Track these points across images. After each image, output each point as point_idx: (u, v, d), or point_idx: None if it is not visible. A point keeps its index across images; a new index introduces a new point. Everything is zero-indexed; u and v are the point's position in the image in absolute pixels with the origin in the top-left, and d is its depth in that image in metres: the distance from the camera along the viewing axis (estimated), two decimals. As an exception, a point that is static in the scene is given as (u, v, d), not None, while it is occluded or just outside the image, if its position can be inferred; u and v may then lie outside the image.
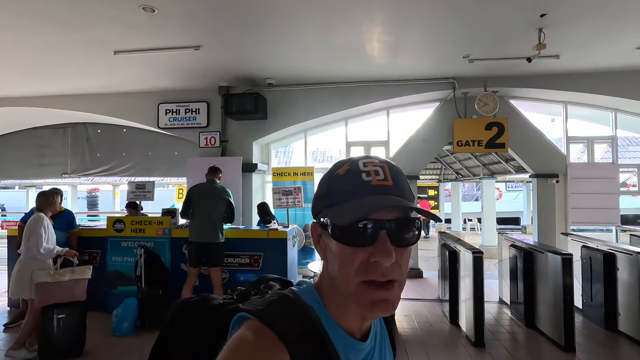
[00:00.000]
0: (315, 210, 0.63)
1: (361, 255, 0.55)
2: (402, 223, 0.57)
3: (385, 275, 0.55)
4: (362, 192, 0.57)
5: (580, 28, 4.14)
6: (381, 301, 0.55)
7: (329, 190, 0.60)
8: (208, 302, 0.72)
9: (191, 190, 4.21)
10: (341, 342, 0.59)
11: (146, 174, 7.53)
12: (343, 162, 0.62)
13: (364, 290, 0.55)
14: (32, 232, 3.42)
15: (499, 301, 5.16)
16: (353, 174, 0.59)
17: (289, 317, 0.56)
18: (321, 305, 0.61)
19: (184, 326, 0.70)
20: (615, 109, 6.15)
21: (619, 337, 3.99)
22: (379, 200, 0.56)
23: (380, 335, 0.70)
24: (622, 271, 4.07)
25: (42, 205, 3.59)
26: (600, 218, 6.07)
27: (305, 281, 0.67)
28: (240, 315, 0.57)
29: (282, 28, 4.14)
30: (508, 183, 16.51)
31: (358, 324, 0.62)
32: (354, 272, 0.55)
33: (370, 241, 0.55)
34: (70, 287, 3.42)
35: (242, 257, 4.52)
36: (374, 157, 0.62)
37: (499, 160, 8.79)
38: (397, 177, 0.60)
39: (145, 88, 6.39)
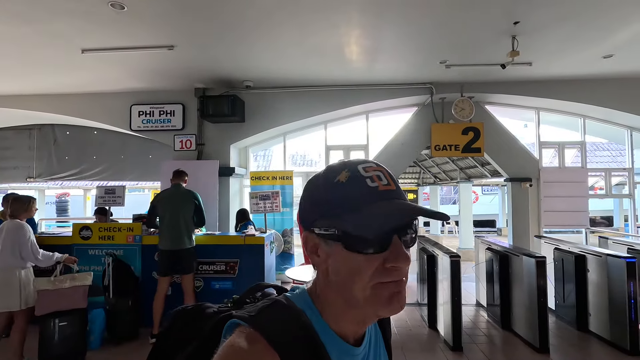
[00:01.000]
0: (310, 219, 0.61)
1: (376, 262, 0.56)
2: (410, 226, 0.59)
3: (400, 276, 0.57)
4: (372, 199, 0.56)
5: (551, 36, 4.26)
6: (396, 294, 0.56)
7: (332, 198, 0.58)
8: (203, 310, 0.73)
9: (156, 198, 4.06)
10: (335, 347, 0.59)
11: (118, 178, 7.22)
12: (340, 168, 0.60)
13: (380, 289, 0.56)
14: (22, 241, 3.24)
15: (476, 304, 5.22)
16: (357, 181, 0.58)
17: (281, 323, 0.56)
18: (314, 310, 0.61)
19: (180, 334, 0.71)
20: (584, 115, 6.38)
21: (589, 337, 4.09)
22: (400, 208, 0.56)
23: (375, 340, 0.69)
24: (592, 272, 4.19)
25: (18, 211, 3.37)
26: (571, 220, 6.27)
27: (299, 287, 0.67)
28: (233, 322, 0.57)
29: (259, 29, 4.05)
30: (484, 187, 16.96)
31: (353, 328, 0.62)
32: (368, 277, 0.56)
33: (385, 247, 0.56)
34: (71, 294, 3.38)
35: (218, 264, 4.37)
36: (370, 161, 0.62)
37: (475, 165, 8.98)
38: (395, 180, 0.61)
39: (116, 88, 6.14)
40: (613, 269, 3.87)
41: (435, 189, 13.16)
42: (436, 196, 13.16)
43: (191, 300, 3.97)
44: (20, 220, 3.36)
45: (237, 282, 4.32)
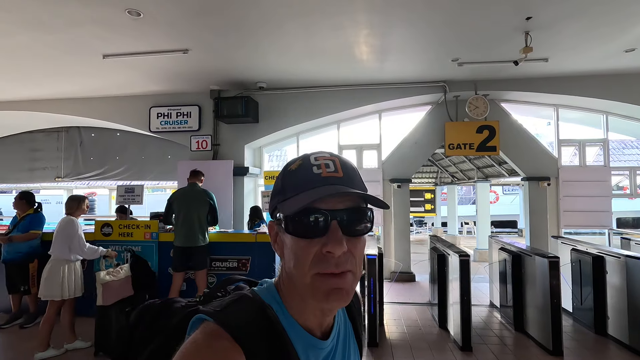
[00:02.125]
0: (271, 208, 0.64)
1: (315, 247, 0.56)
2: (353, 213, 0.58)
3: (339, 266, 0.55)
4: (313, 184, 0.57)
5: (567, 31, 4.15)
6: (335, 290, 0.55)
7: (283, 186, 0.61)
8: (170, 305, 0.73)
9: (172, 196, 4.22)
10: (301, 341, 0.59)
11: (139, 178, 7.51)
12: (296, 159, 0.63)
13: (319, 281, 0.56)
14: (71, 235, 3.54)
15: (490, 305, 5.13)
16: (304, 168, 0.60)
17: (246, 318, 0.56)
18: (280, 304, 0.61)
19: (147, 329, 0.71)
20: (606, 112, 6.15)
21: (608, 341, 3.96)
22: (327, 189, 0.56)
23: (344, 333, 0.69)
24: (611, 274, 4.05)
25: (71, 209, 3.69)
26: (592, 221, 6.06)
27: (267, 280, 0.67)
28: (198, 317, 0.57)
29: (269, 32, 4.14)
30: (505, 186, 16.52)
31: (318, 320, 0.62)
32: (308, 264, 0.56)
33: (323, 232, 0.56)
34: (125, 284, 3.65)
35: (230, 261, 4.49)
36: (325, 152, 0.63)
37: (492, 164, 8.79)
38: (348, 169, 0.61)
39: (136, 92, 6.39)
40: (633, 271, 3.73)
41: (453, 189, 12.92)
42: (454, 196, 12.91)
43: (204, 296, 4.11)
44: (74, 217, 3.67)
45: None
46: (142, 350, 0.69)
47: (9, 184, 9.50)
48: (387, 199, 6.47)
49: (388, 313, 4.74)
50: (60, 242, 3.54)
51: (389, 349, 3.73)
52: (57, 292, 3.47)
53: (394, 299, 5.32)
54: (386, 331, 4.19)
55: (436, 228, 15.89)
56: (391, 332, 4.18)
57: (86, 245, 3.62)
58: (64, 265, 3.53)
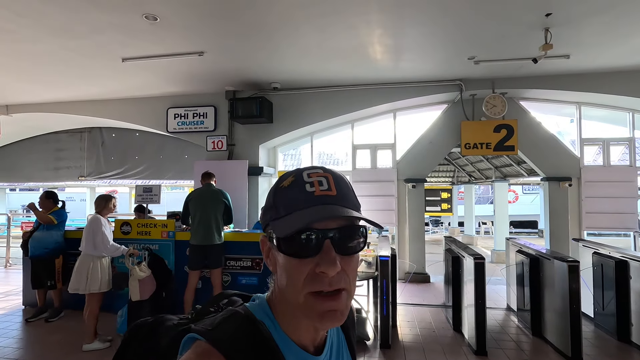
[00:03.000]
0: (263, 224, 0.62)
1: (308, 267, 0.55)
2: (346, 231, 0.56)
3: (332, 285, 0.54)
4: (305, 203, 0.56)
5: (588, 27, 4.00)
6: (330, 312, 0.55)
7: (275, 203, 0.60)
8: (162, 323, 0.72)
9: (189, 196, 4.31)
10: (294, 357, 0.58)
11: (157, 177, 7.71)
12: (289, 174, 0.62)
13: (313, 301, 0.55)
14: (95, 231, 3.71)
15: (507, 308, 5.02)
16: (297, 186, 0.58)
17: (239, 336, 0.55)
18: (273, 320, 0.60)
19: (138, 349, 0.70)
20: (632, 110, 5.91)
21: (631, 348, 3.82)
22: (320, 211, 0.55)
23: (337, 345, 0.69)
24: (636, 279, 3.89)
25: (99, 207, 3.89)
26: (617, 223, 5.84)
27: (259, 296, 0.66)
28: (190, 337, 0.56)
29: (282, 33, 4.17)
30: (525, 186, 16.08)
31: (311, 336, 0.61)
32: (301, 283, 0.55)
33: (315, 251, 0.55)
34: (153, 280, 3.88)
35: (244, 261, 4.56)
36: (318, 167, 0.62)
37: (510, 163, 8.58)
38: (342, 186, 0.59)
39: (154, 93, 6.55)
40: (658, 276, 3.58)
41: (470, 188, 12.68)
42: (471, 196, 12.67)
43: (219, 294, 4.19)
44: (101, 215, 3.85)
45: (262, 277, 4.48)
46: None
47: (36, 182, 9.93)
48: (401, 199, 6.41)
49: (401, 314, 4.70)
50: (87, 239, 3.71)
51: (402, 350, 3.71)
52: (82, 286, 3.64)
53: (408, 300, 5.28)
54: (399, 333, 4.17)
55: (453, 228, 15.65)
56: (404, 334, 4.15)
57: (110, 242, 3.75)
58: (91, 261, 3.69)
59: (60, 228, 4.65)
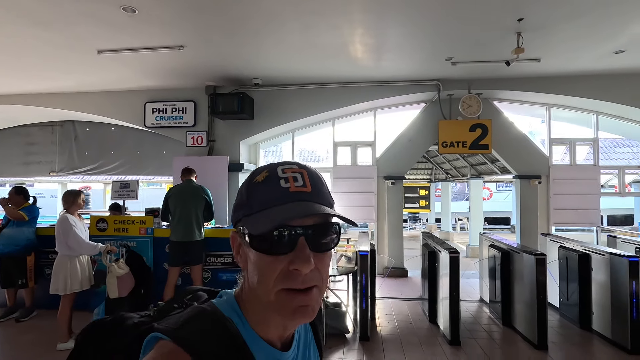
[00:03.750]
0: (235, 219, 0.61)
1: (281, 264, 0.54)
2: (321, 229, 0.56)
3: (305, 283, 0.54)
4: (280, 200, 0.55)
5: (559, 32, 4.21)
6: (301, 307, 0.55)
7: (248, 199, 0.58)
8: (123, 322, 0.67)
9: (169, 193, 4.27)
10: (263, 353, 0.58)
11: (134, 173, 7.54)
12: (262, 169, 0.60)
13: (284, 298, 0.54)
14: (66, 233, 3.58)
15: (479, 300, 5.24)
16: (271, 181, 0.57)
17: (205, 335, 0.54)
18: (241, 317, 0.59)
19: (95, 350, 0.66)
20: (597, 112, 6.25)
21: (592, 335, 4.08)
22: (296, 208, 0.54)
23: (305, 340, 0.69)
24: (597, 271, 4.16)
25: (66, 205, 3.75)
26: (582, 219, 6.18)
27: (226, 292, 0.65)
28: (153, 336, 0.54)
29: (265, 30, 4.17)
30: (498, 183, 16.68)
31: (279, 333, 0.61)
32: (274, 280, 0.54)
33: (289, 248, 0.54)
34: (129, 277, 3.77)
35: (225, 257, 4.56)
36: (293, 162, 0.61)
37: (485, 161, 8.90)
38: (316, 182, 0.59)
39: (131, 87, 6.39)
40: (616, 268, 3.84)
41: (447, 186, 13.06)
42: (448, 193, 13.06)
43: (199, 290, 4.17)
44: (71, 212, 3.71)
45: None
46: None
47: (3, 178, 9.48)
48: (381, 196, 6.55)
49: (380, 308, 4.83)
50: (59, 241, 3.61)
51: (380, 343, 3.83)
52: (61, 286, 3.55)
53: (386, 294, 5.43)
54: (378, 325, 4.29)
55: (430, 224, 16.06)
56: (382, 326, 4.28)
57: (84, 241, 3.65)
58: (68, 262, 3.60)
59: (32, 225, 4.50)
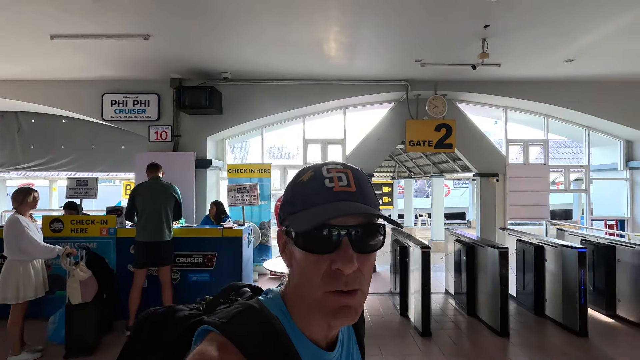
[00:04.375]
0: (281, 217, 0.62)
1: (325, 263, 0.54)
2: (365, 229, 0.56)
3: (348, 285, 0.54)
4: (324, 199, 0.56)
5: (518, 40, 4.50)
6: (344, 308, 0.55)
7: (293, 197, 0.59)
8: (174, 313, 0.70)
9: (136, 190, 4.02)
10: (307, 352, 0.58)
11: (88, 169, 7.00)
12: (308, 169, 0.61)
13: (328, 298, 0.55)
14: (18, 236, 3.25)
15: (445, 292, 5.50)
16: (316, 181, 0.58)
17: (253, 330, 0.55)
18: (287, 315, 0.60)
19: (149, 339, 0.68)
20: (547, 115, 6.78)
21: (545, 320, 4.45)
22: (340, 207, 0.55)
23: (348, 342, 0.69)
24: (549, 262, 4.53)
25: (16, 204, 3.40)
26: (533, 214, 6.68)
27: (272, 290, 0.66)
28: (203, 328, 0.56)
29: (238, 23, 4.04)
30: (455, 180, 17.59)
31: (324, 333, 0.61)
32: (318, 280, 0.55)
33: (333, 248, 0.54)
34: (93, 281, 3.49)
35: (195, 257, 4.39)
36: (338, 163, 0.61)
37: (447, 160, 9.33)
38: (361, 183, 0.59)
39: (87, 76, 5.92)
40: (567, 259, 4.21)
41: (409, 183, 13.55)
42: (410, 190, 13.55)
43: (169, 292, 3.99)
44: (21, 213, 3.37)
45: (215, 274, 4.35)
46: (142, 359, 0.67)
47: None
48: (350, 193, 6.61)
49: (352, 303, 4.91)
50: (10, 244, 3.28)
51: (355, 337, 3.89)
52: (12, 295, 3.21)
53: (357, 289, 5.52)
54: (351, 321, 4.35)
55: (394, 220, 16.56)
56: (356, 321, 4.35)
57: (40, 244, 3.34)
58: (20, 266, 3.27)
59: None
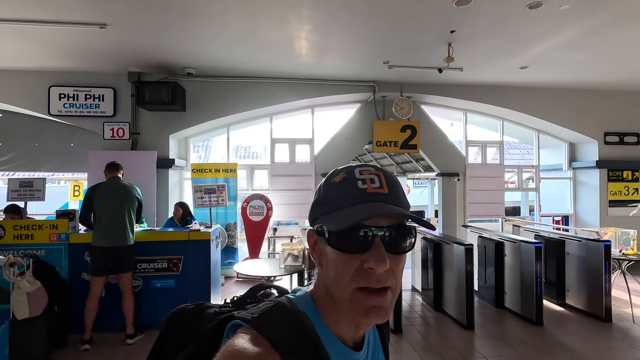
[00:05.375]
0: (312, 217, 0.64)
1: (356, 262, 0.56)
2: (398, 230, 0.57)
3: (379, 282, 0.56)
4: (358, 200, 0.57)
5: (480, 46, 4.73)
6: (376, 307, 0.56)
7: (326, 198, 0.61)
8: (203, 310, 0.72)
9: (93, 191, 3.70)
10: (335, 350, 0.59)
11: (31, 169, 6.37)
12: (340, 170, 0.63)
13: (359, 297, 0.56)
14: None
15: (412, 289, 5.66)
16: (349, 182, 0.59)
17: (283, 326, 0.56)
18: (316, 313, 0.61)
19: (179, 334, 0.69)
20: (503, 118, 7.21)
21: (505, 312, 4.71)
22: (374, 208, 0.56)
23: (374, 344, 0.70)
24: (508, 256, 4.81)
25: None
26: (490, 211, 7.09)
27: (300, 289, 0.67)
28: (235, 323, 0.57)
29: (205, 15, 3.85)
30: (415, 180, 18.22)
31: (352, 332, 0.62)
32: (349, 278, 0.56)
33: (365, 248, 0.56)
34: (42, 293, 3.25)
35: (159, 262, 4.13)
36: (370, 165, 0.63)
37: (410, 160, 9.63)
38: (393, 185, 0.61)
39: (32, 66, 5.38)
40: (525, 253, 4.49)
41: (373, 182, 13.86)
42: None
43: (131, 300, 3.72)
44: None
45: (181, 279, 4.13)
46: (174, 355, 0.67)
47: None
48: (319, 193, 6.60)
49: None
50: None
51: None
52: None
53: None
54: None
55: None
56: (328, 322, 4.33)
57: None
58: None
59: None
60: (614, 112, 6.92)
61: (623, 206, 7.01)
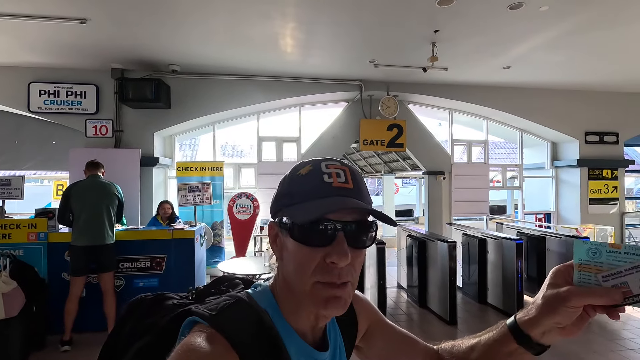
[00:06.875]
0: (274, 209, 0.63)
1: (318, 255, 0.56)
2: (360, 225, 0.58)
3: (340, 278, 0.56)
4: (323, 193, 0.57)
5: (464, 46, 4.79)
6: (335, 298, 0.56)
7: (290, 190, 0.61)
8: (162, 301, 0.70)
9: (71, 190, 3.63)
10: (295, 347, 0.59)
11: (10, 167, 6.22)
12: (306, 163, 0.63)
13: (319, 288, 0.56)
14: None
15: (397, 286, 5.71)
16: (315, 175, 0.59)
17: (242, 323, 0.55)
18: (276, 308, 0.61)
19: (136, 326, 0.68)
20: (487, 118, 7.32)
21: (487, 308, 4.80)
22: (339, 202, 0.57)
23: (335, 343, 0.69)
24: (491, 253, 4.89)
25: None
26: (475, 209, 7.19)
27: (261, 284, 0.66)
28: (192, 319, 0.56)
29: (190, 11, 3.81)
30: (404, 179, 18.38)
31: (310, 324, 0.62)
32: (310, 272, 0.56)
33: (328, 241, 0.56)
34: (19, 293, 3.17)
35: (142, 261, 4.08)
36: (336, 160, 0.63)
37: (397, 159, 9.71)
38: (358, 181, 0.61)
39: (10, 62, 5.24)
40: (506, 250, 4.58)
41: (362, 181, 13.93)
42: (362, 188, 13.92)
43: (113, 301, 3.66)
44: None
45: (165, 278, 4.09)
46: (129, 346, 0.65)
47: None
48: (306, 192, 6.60)
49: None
50: None
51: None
52: None
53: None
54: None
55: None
56: (314, 319, 4.35)
57: None
58: None
59: None
60: (594, 112, 7.09)
61: (603, 204, 7.19)
